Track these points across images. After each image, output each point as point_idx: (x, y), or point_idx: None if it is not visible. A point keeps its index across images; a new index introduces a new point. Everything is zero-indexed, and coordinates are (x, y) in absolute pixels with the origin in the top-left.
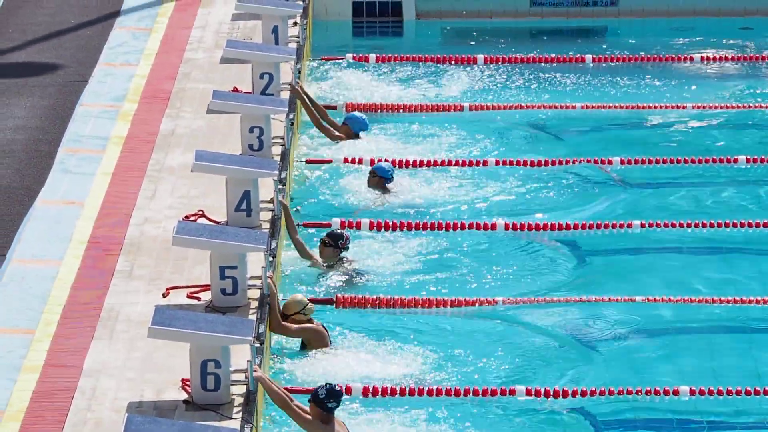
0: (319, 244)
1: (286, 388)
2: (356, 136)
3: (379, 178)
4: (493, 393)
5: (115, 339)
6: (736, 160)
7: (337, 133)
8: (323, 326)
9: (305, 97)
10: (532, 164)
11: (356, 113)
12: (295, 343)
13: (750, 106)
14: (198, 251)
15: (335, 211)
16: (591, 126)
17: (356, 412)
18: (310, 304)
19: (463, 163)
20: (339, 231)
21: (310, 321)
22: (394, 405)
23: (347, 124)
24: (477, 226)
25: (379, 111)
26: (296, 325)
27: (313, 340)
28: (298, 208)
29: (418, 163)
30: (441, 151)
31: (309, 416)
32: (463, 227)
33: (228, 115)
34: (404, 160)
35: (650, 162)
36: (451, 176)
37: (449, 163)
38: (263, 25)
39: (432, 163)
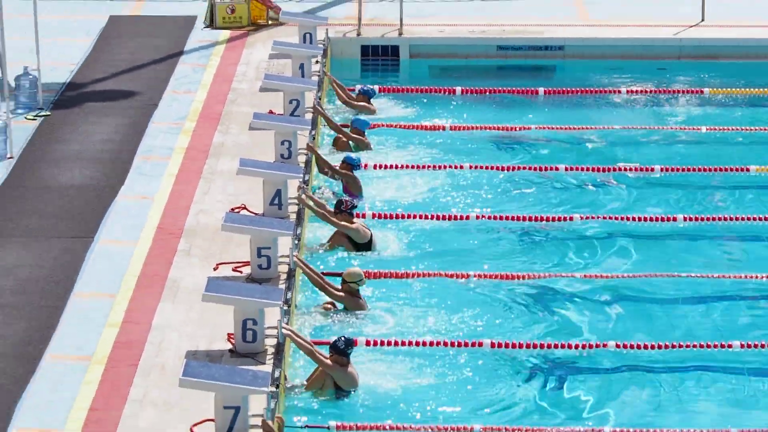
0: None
1: (312, 341)
2: (363, 134)
3: (347, 165)
4: (466, 345)
5: (177, 302)
6: (652, 169)
7: (354, 136)
8: (361, 297)
9: (324, 114)
10: (496, 169)
11: (360, 116)
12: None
13: (665, 128)
14: (241, 236)
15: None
16: (542, 142)
17: (359, 359)
18: (364, 278)
19: (443, 167)
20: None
21: (358, 293)
22: (392, 354)
23: (355, 126)
24: (453, 218)
25: (381, 128)
26: (339, 293)
27: (350, 306)
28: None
29: (409, 167)
30: (427, 159)
31: (330, 362)
32: (445, 218)
33: (265, 131)
34: (400, 165)
35: (587, 170)
36: (434, 178)
37: (433, 168)
38: (293, 63)
39: (420, 167)
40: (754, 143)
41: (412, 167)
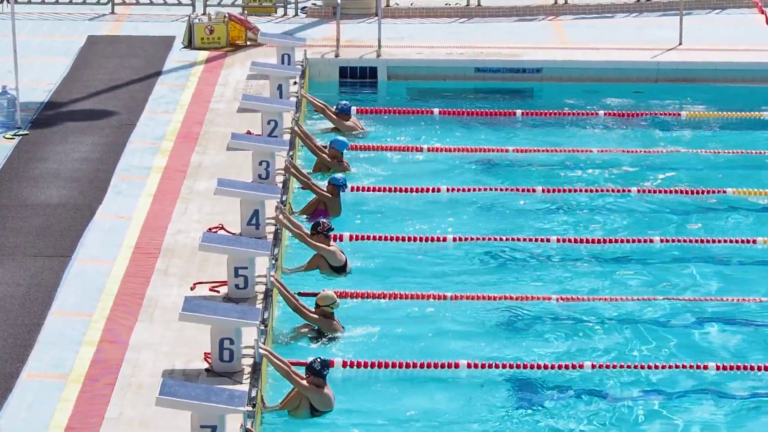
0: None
1: (290, 362)
2: (341, 155)
3: (332, 187)
4: (443, 366)
5: (154, 321)
6: (629, 191)
7: (327, 158)
8: (335, 319)
9: (303, 135)
10: (473, 191)
11: (338, 137)
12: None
13: (640, 151)
14: (218, 255)
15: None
16: (519, 163)
17: (335, 380)
18: (337, 300)
19: (420, 190)
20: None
21: (332, 315)
22: (369, 375)
23: (333, 146)
24: (430, 239)
25: (358, 149)
26: (314, 315)
27: (325, 327)
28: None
29: (387, 188)
30: (405, 181)
31: (306, 382)
32: (420, 240)
33: (243, 151)
34: (377, 187)
35: (563, 191)
36: (411, 200)
37: (410, 190)
38: (271, 84)
39: (397, 189)
40: (732, 166)
41: (390, 189)
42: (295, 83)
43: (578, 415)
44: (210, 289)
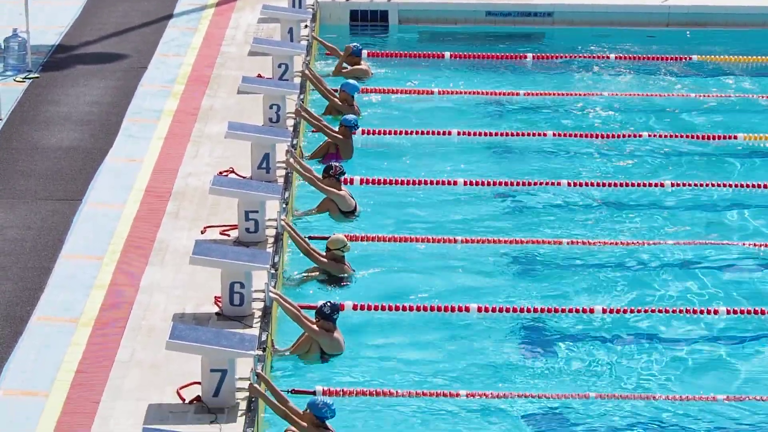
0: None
1: (300, 305)
2: (352, 98)
3: (344, 128)
4: (453, 309)
5: (164, 265)
6: (640, 135)
7: (338, 102)
8: (346, 263)
9: (314, 78)
10: (483, 135)
11: (349, 80)
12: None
13: (651, 95)
14: (229, 199)
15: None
16: (530, 107)
17: (345, 323)
18: (348, 244)
19: (431, 133)
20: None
21: (343, 258)
22: (378, 319)
23: (344, 89)
24: (440, 183)
25: (369, 93)
26: (324, 259)
27: (335, 271)
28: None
29: (397, 132)
30: (415, 124)
31: (316, 326)
32: (430, 183)
33: (254, 94)
34: (388, 130)
35: (573, 135)
36: (422, 143)
37: (421, 133)
38: (281, 27)
39: (408, 132)
40: (743, 111)
41: (401, 132)
42: (306, 26)
43: (588, 359)
44: (221, 233)
